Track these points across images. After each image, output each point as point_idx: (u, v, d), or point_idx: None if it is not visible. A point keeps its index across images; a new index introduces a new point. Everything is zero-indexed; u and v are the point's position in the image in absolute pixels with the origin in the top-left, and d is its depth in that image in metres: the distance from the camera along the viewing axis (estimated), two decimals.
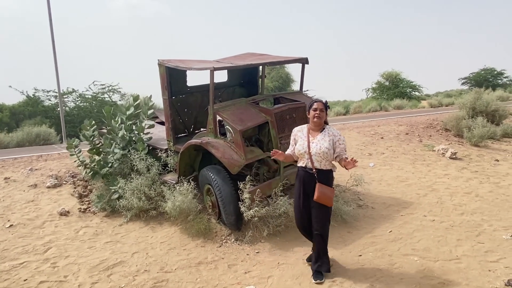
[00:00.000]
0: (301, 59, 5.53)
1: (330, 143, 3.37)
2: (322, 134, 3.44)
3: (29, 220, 4.97)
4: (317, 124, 3.44)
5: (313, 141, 3.42)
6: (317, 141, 3.41)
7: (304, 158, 3.45)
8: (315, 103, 3.46)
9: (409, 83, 27.39)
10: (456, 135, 10.25)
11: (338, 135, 3.45)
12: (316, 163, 3.39)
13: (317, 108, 3.41)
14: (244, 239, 4.41)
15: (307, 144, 3.41)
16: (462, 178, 6.77)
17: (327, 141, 3.37)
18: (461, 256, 3.85)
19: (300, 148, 3.44)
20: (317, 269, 3.54)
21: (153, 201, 5.05)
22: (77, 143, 5.91)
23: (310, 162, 3.41)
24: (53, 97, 18.79)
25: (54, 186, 6.02)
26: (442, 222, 4.81)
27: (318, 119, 3.40)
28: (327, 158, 3.38)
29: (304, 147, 3.42)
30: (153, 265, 3.93)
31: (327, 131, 3.46)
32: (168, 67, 5.10)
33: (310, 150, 3.39)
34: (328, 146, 3.35)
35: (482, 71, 30.71)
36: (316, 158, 3.38)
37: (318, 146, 3.37)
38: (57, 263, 3.99)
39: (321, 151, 3.35)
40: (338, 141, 3.42)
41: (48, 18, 13.35)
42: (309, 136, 3.46)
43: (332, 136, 3.42)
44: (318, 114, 3.40)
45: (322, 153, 3.35)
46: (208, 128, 4.75)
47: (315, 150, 3.37)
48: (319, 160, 3.38)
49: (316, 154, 3.37)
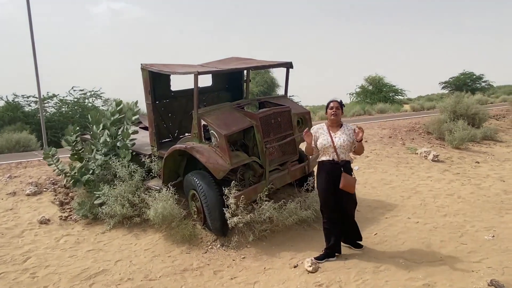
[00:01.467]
0: (285, 63, 5.55)
1: (350, 136, 3.81)
2: (342, 129, 3.86)
3: (7, 229, 4.81)
4: (334, 121, 3.86)
5: (335, 136, 3.83)
6: (339, 135, 3.82)
7: (329, 151, 3.81)
8: (332, 102, 3.88)
9: (392, 87, 27.86)
10: (438, 138, 10.44)
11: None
12: (342, 155, 3.80)
13: (333, 106, 3.84)
14: (230, 244, 4.37)
15: (331, 139, 3.79)
16: (444, 180, 6.88)
17: (348, 135, 3.81)
18: (445, 257, 3.89)
19: (325, 143, 3.80)
20: (358, 240, 4.12)
21: (137, 207, 4.96)
22: (54, 151, 5.76)
23: (335, 154, 3.79)
24: (33, 103, 18.36)
25: (34, 194, 5.86)
26: (426, 224, 4.87)
27: (335, 116, 3.83)
28: (348, 150, 3.85)
29: (328, 141, 3.80)
30: (137, 273, 3.85)
31: (345, 127, 3.90)
32: (151, 71, 5.04)
33: (335, 144, 3.77)
34: (349, 139, 3.80)
35: (461, 75, 31.49)
36: (341, 151, 3.79)
37: (342, 140, 3.78)
38: (37, 273, 3.87)
39: (344, 143, 3.78)
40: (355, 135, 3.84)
41: (28, 22, 13.07)
42: (330, 132, 3.85)
43: (350, 131, 3.86)
44: (334, 111, 3.82)
45: (346, 145, 3.78)
46: (193, 133, 4.70)
47: (339, 144, 3.77)
48: (343, 152, 3.80)
49: (340, 147, 3.77)
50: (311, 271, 3.72)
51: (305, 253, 4.16)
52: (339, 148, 3.78)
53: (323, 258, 3.91)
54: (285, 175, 4.92)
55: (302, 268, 3.80)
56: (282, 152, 4.95)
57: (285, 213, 4.55)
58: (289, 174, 4.96)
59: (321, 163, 3.90)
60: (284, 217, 4.52)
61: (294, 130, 5.08)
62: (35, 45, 13.10)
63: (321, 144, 3.83)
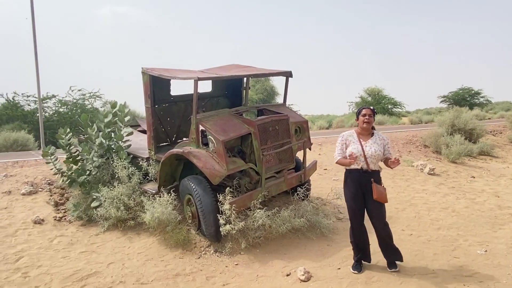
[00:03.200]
0: (285, 72, 5.60)
1: (381, 146, 3.73)
2: (373, 138, 3.77)
3: (1, 228, 4.79)
4: (366, 129, 3.75)
5: (365, 144, 3.72)
6: (370, 144, 3.72)
7: (359, 160, 3.69)
8: (364, 109, 3.77)
9: (391, 100, 28.01)
10: (435, 151, 10.50)
11: (387, 139, 3.83)
12: (371, 165, 3.69)
13: (366, 113, 3.73)
14: (224, 250, 4.37)
15: (361, 147, 3.69)
16: (439, 193, 6.91)
17: (379, 145, 3.73)
18: (437, 271, 3.90)
19: (356, 152, 3.68)
20: (389, 259, 3.89)
21: (131, 211, 4.96)
22: (53, 150, 5.75)
23: (365, 164, 3.68)
24: (33, 102, 18.34)
25: (29, 193, 5.85)
26: (419, 236, 4.89)
27: (367, 124, 3.72)
28: (378, 160, 3.74)
29: (359, 150, 3.69)
30: (129, 276, 3.83)
31: (377, 136, 3.80)
32: (152, 75, 5.07)
33: (365, 153, 3.66)
34: (381, 149, 3.72)
35: (460, 90, 31.67)
36: (371, 160, 3.69)
37: (373, 149, 3.68)
38: (29, 273, 3.85)
39: (376, 153, 3.68)
40: (387, 144, 3.79)
41: (31, 22, 13.14)
42: (360, 140, 3.74)
43: (382, 141, 3.78)
44: (367, 119, 3.71)
45: (377, 155, 3.69)
46: (191, 138, 4.72)
47: (370, 153, 3.68)
48: (374, 162, 3.70)
49: (371, 156, 3.68)
50: (304, 280, 3.72)
51: (298, 261, 4.16)
52: (369, 157, 3.67)
53: (360, 269, 3.89)
54: (281, 182, 4.94)
55: (295, 277, 3.81)
56: (279, 160, 4.97)
57: (278, 220, 4.56)
58: (285, 182, 4.98)
59: (349, 172, 3.79)
60: (278, 224, 4.53)
61: (292, 139, 5.11)
62: (36, 45, 13.16)
63: (351, 152, 3.69)
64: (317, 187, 6.76)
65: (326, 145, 10.48)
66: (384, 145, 3.77)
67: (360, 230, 3.88)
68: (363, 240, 3.92)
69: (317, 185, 6.90)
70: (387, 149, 3.78)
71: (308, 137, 5.51)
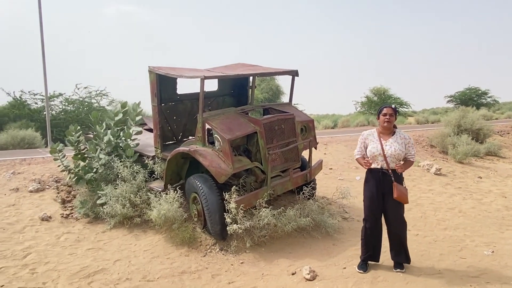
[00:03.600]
0: (291, 71, 5.59)
1: (402, 146, 3.65)
2: (394, 137, 3.69)
3: (9, 225, 4.84)
4: (387, 128, 3.69)
5: (385, 143, 3.67)
6: (390, 143, 3.66)
7: (378, 159, 3.67)
8: (385, 108, 3.71)
9: (397, 100, 27.86)
10: (441, 151, 10.44)
11: (409, 139, 3.72)
12: (392, 164, 3.63)
13: (387, 113, 3.66)
14: (229, 249, 4.38)
15: (381, 146, 3.64)
16: (446, 193, 6.87)
17: (400, 144, 3.65)
18: (444, 271, 3.88)
19: (374, 150, 3.67)
20: (398, 260, 3.84)
21: (138, 208, 4.99)
22: (61, 147, 5.81)
23: (385, 163, 3.64)
24: (40, 100, 18.49)
25: (36, 191, 5.90)
26: (425, 236, 4.87)
27: (388, 123, 3.66)
28: (400, 159, 3.66)
29: (378, 149, 3.65)
30: (135, 274, 3.86)
31: (398, 135, 3.71)
32: (158, 74, 5.10)
33: (385, 152, 3.62)
34: (402, 148, 3.64)
35: (467, 90, 31.43)
36: (391, 159, 3.63)
37: (393, 148, 3.62)
38: (36, 269, 3.89)
39: (396, 153, 3.61)
40: (408, 143, 3.70)
41: (39, 21, 13.24)
42: (380, 139, 3.69)
43: (404, 139, 3.69)
44: (388, 118, 3.65)
45: (397, 154, 3.61)
46: (197, 136, 4.74)
47: (389, 152, 3.62)
48: (394, 161, 3.63)
49: (391, 155, 3.62)
50: (309, 279, 3.72)
51: (303, 260, 4.16)
52: (389, 157, 3.62)
53: (366, 268, 3.86)
54: (287, 181, 4.94)
55: (300, 276, 3.81)
56: (284, 159, 4.97)
57: (284, 219, 4.56)
58: (290, 181, 4.98)
59: (369, 171, 3.76)
60: (283, 223, 4.53)
61: (297, 138, 5.11)
62: (44, 44, 13.26)
63: (370, 151, 3.69)
64: (323, 187, 6.75)
65: (331, 144, 10.46)
66: (406, 144, 3.68)
67: (374, 230, 3.84)
68: (376, 240, 3.88)
69: (323, 185, 6.89)
70: (408, 148, 3.69)
71: (313, 137, 5.50)
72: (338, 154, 9.46)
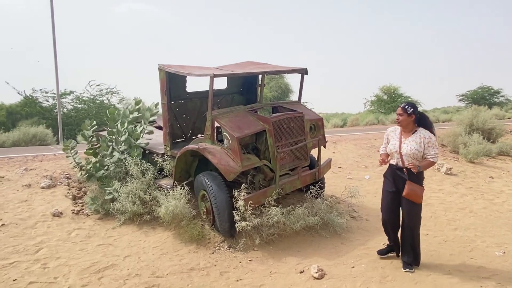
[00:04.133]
0: (300, 69, 5.58)
1: (420, 145, 3.62)
2: (413, 136, 3.68)
3: (21, 220, 4.93)
4: (402, 126, 3.74)
5: (404, 141, 3.70)
6: (408, 142, 3.67)
7: (394, 157, 3.76)
8: (397, 108, 3.79)
9: (407, 98, 27.58)
10: (452, 151, 10.31)
11: (429, 138, 3.64)
12: (407, 163, 3.65)
13: (397, 113, 3.77)
14: (237, 246, 4.40)
15: (399, 144, 3.71)
16: (456, 193, 6.79)
17: (418, 143, 3.62)
18: (454, 272, 3.85)
19: (392, 148, 3.77)
20: (406, 260, 3.84)
21: (147, 205, 5.04)
22: (74, 144, 5.90)
23: (401, 161, 3.70)
24: (51, 98, 18.75)
25: (48, 187, 5.99)
26: (435, 236, 4.82)
27: (399, 123, 3.74)
28: (417, 158, 3.64)
29: (395, 146, 3.72)
30: (144, 270, 3.90)
31: (419, 134, 3.68)
32: (168, 72, 5.13)
33: (401, 150, 3.67)
34: (418, 148, 3.61)
35: (479, 89, 31.01)
36: (406, 158, 3.66)
37: (409, 147, 3.64)
38: (48, 264, 3.95)
39: (411, 152, 3.62)
40: (428, 143, 3.63)
41: (51, 20, 13.42)
42: (401, 137, 3.75)
43: (423, 139, 3.64)
44: (397, 118, 3.75)
45: (412, 154, 3.62)
46: (206, 134, 4.76)
47: (405, 151, 3.65)
48: (409, 160, 3.65)
49: (406, 154, 3.65)
50: (317, 277, 3.72)
51: (311, 259, 4.16)
52: (404, 155, 3.66)
53: (385, 253, 4.11)
54: (295, 180, 4.93)
55: (308, 274, 3.81)
56: (293, 157, 4.97)
57: (293, 218, 4.56)
58: (299, 179, 4.97)
59: (389, 166, 3.89)
60: (292, 222, 4.53)
61: (306, 136, 5.10)
62: (56, 42, 13.44)
63: (389, 148, 3.82)
64: (331, 185, 6.72)
65: (340, 143, 10.42)
66: (425, 144, 3.62)
67: (389, 222, 3.93)
68: (393, 233, 3.99)
69: (332, 183, 6.87)
70: (427, 148, 3.62)
71: (323, 135, 5.48)
72: (347, 153, 9.41)
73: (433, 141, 3.65)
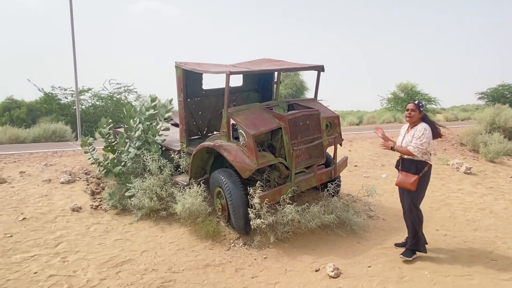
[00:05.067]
0: (317, 66, 5.53)
1: (413, 136, 3.88)
2: (412, 129, 3.95)
3: (42, 214, 5.04)
4: (410, 122, 3.98)
5: (406, 135, 4.00)
6: (407, 136, 3.99)
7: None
8: (408, 104, 3.98)
9: (425, 96, 27.08)
10: (472, 150, 10.09)
11: (420, 130, 3.85)
12: (404, 155, 3.98)
13: (408, 108, 3.95)
14: (252, 244, 4.40)
15: (402, 138, 4.04)
16: (476, 193, 6.64)
17: (411, 135, 3.91)
18: (473, 273, 3.77)
19: (397, 143, 4.09)
20: (409, 247, 4.07)
21: (163, 201, 5.09)
22: (92, 141, 6.00)
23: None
24: (70, 95, 19.11)
25: (67, 182, 6.12)
26: (454, 237, 4.73)
27: (409, 118, 3.95)
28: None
29: (399, 140, 4.08)
30: (161, 265, 3.95)
31: (416, 128, 3.92)
32: (185, 69, 5.15)
33: (402, 144, 4.00)
34: (411, 139, 3.88)
35: (499, 86, 30.14)
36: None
37: (405, 140, 3.98)
38: (67, 257, 4.04)
39: (405, 144, 3.94)
40: (415, 134, 3.87)
41: (70, 19, 13.66)
42: (406, 132, 4.06)
43: (415, 131, 3.89)
44: (409, 113, 3.94)
45: (406, 145, 3.91)
46: (222, 131, 4.77)
47: (403, 143, 3.96)
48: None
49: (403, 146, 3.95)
50: (333, 276, 3.70)
51: (327, 258, 4.14)
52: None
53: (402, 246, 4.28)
54: (311, 178, 4.91)
55: (324, 273, 3.78)
56: (309, 155, 4.94)
57: (308, 216, 4.54)
58: (314, 177, 4.94)
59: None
60: (307, 220, 4.51)
61: (322, 134, 5.05)
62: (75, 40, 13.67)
63: (396, 144, 4.10)
64: (347, 184, 6.66)
65: (356, 141, 10.30)
66: (413, 135, 3.88)
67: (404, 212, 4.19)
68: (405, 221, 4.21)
69: (347, 182, 6.80)
70: (413, 139, 3.86)
71: (339, 133, 5.43)
72: (363, 151, 9.31)
73: (421, 134, 3.82)
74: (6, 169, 6.74)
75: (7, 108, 19.20)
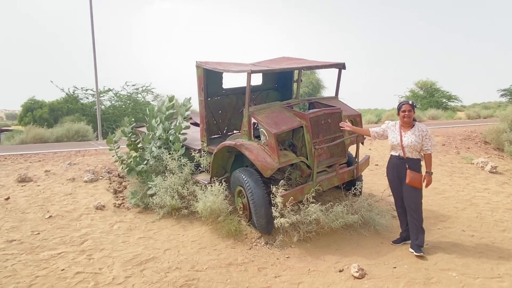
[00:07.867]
0: (338, 64, 5.46)
1: (419, 138, 4.05)
2: (412, 129, 4.10)
3: (67, 212, 5.15)
4: (406, 122, 4.13)
5: (404, 135, 4.11)
6: (408, 135, 4.09)
7: (397, 148, 4.17)
8: (403, 105, 4.13)
9: (445, 93, 26.51)
10: (496, 148, 9.80)
11: (426, 131, 4.08)
12: (408, 153, 4.09)
13: (405, 110, 4.10)
14: (274, 243, 4.38)
15: (400, 137, 4.12)
16: (503, 193, 6.44)
17: (417, 136, 4.05)
18: (503, 275, 3.65)
19: (394, 140, 4.17)
20: (417, 243, 4.11)
21: (185, 200, 5.12)
22: (117, 138, 6.10)
23: (402, 152, 4.12)
24: (91, 96, 19.50)
25: (91, 181, 6.23)
26: (482, 238, 4.59)
27: (408, 118, 4.09)
28: (416, 149, 4.08)
29: (397, 139, 4.14)
30: (184, 263, 3.97)
31: (416, 128, 4.12)
32: (205, 69, 5.16)
33: (403, 143, 4.08)
34: (418, 140, 4.04)
35: None
36: (408, 149, 4.08)
37: (409, 140, 4.05)
38: (93, 255, 4.11)
39: (412, 144, 4.04)
40: (425, 136, 4.06)
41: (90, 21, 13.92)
42: (401, 131, 4.15)
43: (421, 132, 4.07)
44: (407, 114, 4.09)
45: (413, 145, 4.04)
46: (243, 130, 4.76)
47: (406, 143, 4.07)
48: (410, 151, 4.08)
49: (407, 146, 4.07)
50: (358, 277, 3.64)
51: (351, 258, 4.08)
52: (406, 147, 4.07)
53: (399, 242, 4.38)
54: (333, 177, 4.85)
55: (348, 273, 3.73)
56: (330, 154, 4.89)
57: (332, 216, 4.48)
58: (337, 176, 4.88)
59: (391, 157, 4.31)
60: (330, 220, 4.46)
61: (344, 132, 4.99)
62: (95, 42, 13.92)
63: (390, 141, 4.21)
64: (368, 183, 6.57)
65: (376, 139, 10.14)
66: (423, 136, 4.03)
67: (398, 209, 4.36)
68: (402, 218, 4.37)
69: (368, 181, 6.71)
70: (425, 140, 4.03)
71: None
72: (384, 150, 9.16)
73: (429, 134, 4.08)
74: (31, 168, 6.91)
75: (29, 109, 19.75)
